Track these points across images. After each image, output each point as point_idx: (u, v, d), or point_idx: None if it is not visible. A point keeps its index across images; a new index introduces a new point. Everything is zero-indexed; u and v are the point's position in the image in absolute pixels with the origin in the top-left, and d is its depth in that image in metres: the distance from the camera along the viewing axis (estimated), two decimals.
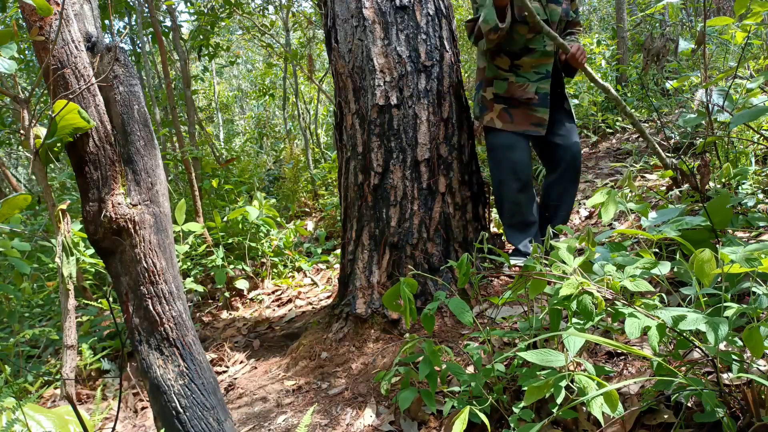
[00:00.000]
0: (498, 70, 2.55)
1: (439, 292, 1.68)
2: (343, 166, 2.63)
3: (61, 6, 1.26)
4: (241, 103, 14.19)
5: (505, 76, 2.53)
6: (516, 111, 2.54)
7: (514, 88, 2.52)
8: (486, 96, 2.59)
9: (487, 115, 2.58)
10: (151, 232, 1.40)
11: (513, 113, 2.54)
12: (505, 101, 2.55)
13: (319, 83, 6.30)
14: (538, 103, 2.50)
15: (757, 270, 1.13)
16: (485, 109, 2.59)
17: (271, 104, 10.47)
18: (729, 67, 4.03)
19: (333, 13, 2.59)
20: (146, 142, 1.45)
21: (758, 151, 2.89)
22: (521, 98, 2.51)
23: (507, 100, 2.55)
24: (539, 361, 1.22)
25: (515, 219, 2.64)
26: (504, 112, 2.55)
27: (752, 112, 1.70)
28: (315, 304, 3.36)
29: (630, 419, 1.35)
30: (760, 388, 1.16)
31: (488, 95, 2.59)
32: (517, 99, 2.52)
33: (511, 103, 2.54)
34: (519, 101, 2.52)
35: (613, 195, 1.55)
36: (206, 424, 1.39)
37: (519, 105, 2.53)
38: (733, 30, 2.23)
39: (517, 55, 2.50)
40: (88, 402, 2.60)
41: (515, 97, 2.53)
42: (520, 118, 2.53)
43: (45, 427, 1.36)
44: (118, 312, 2.91)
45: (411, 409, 1.74)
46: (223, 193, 5.06)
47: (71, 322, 1.23)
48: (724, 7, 5.93)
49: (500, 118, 2.55)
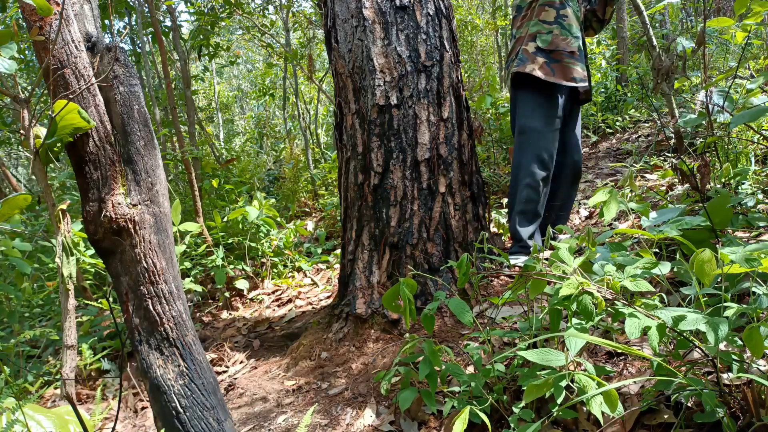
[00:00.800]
0: (543, 24, 2.59)
1: (439, 292, 1.68)
2: (343, 166, 2.63)
3: (61, 6, 1.26)
4: (241, 103, 14.19)
5: (549, 29, 2.58)
6: (557, 65, 2.57)
7: (559, 39, 2.57)
8: (528, 49, 2.61)
9: (528, 66, 2.58)
10: (151, 232, 1.40)
11: (554, 67, 2.57)
12: (546, 55, 2.58)
13: (319, 83, 6.30)
14: (578, 58, 2.58)
15: (757, 270, 1.13)
16: (526, 60, 2.59)
17: (271, 104, 10.47)
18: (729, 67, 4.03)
19: (333, 13, 2.59)
20: (146, 142, 1.45)
21: (758, 151, 2.89)
22: (565, 50, 2.56)
23: (548, 54, 2.57)
24: (539, 361, 1.22)
25: (529, 206, 2.63)
26: (546, 66, 2.57)
27: (752, 112, 1.70)
28: (315, 304, 3.36)
29: (630, 419, 1.35)
30: (760, 388, 1.16)
31: (530, 48, 2.60)
32: (561, 51, 2.56)
33: (552, 57, 2.57)
34: (562, 54, 2.56)
35: (615, 194, 1.55)
36: (206, 424, 1.39)
37: (560, 59, 2.57)
38: (733, 30, 2.23)
39: (562, 5, 2.58)
40: (88, 402, 2.60)
41: (559, 49, 2.56)
42: (561, 71, 2.57)
43: (45, 427, 1.36)
44: (118, 312, 2.91)
45: (411, 409, 1.74)
46: (223, 193, 5.06)
47: (71, 322, 1.23)
48: (724, 7, 5.93)
49: (542, 69, 2.56)
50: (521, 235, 2.63)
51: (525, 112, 2.61)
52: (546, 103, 2.58)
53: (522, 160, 2.60)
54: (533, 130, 2.58)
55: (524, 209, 2.63)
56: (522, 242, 2.63)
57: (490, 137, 4.97)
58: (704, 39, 2.30)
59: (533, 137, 2.58)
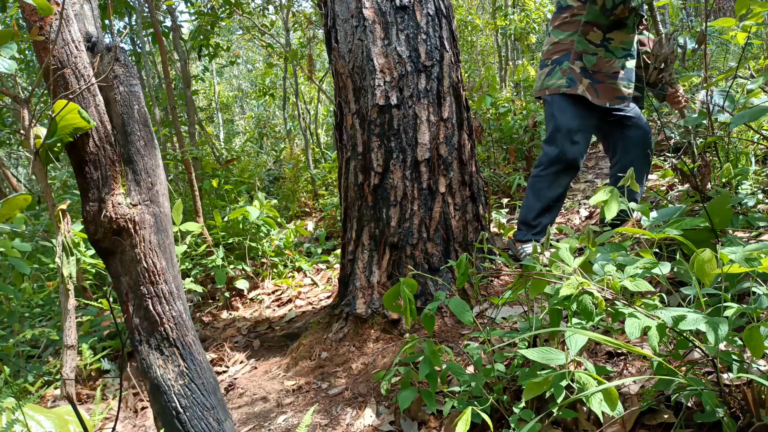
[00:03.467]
0: (588, 45, 2.58)
1: (439, 292, 1.68)
2: (343, 166, 2.63)
3: (61, 6, 1.26)
4: (241, 103, 14.20)
5: (594, 51, 2.58)
6: (600, 86, 2.59)
7: (602, 62, 2.58)
8: (575, 69, 2.62)
9: (579, 87, 2.60)
10: (151, 232, 1.40)
11: (598, 88, 2.59)
12: (590, 76, 2.59)
13: (319, 83, 6.30)
14: (623, 77, 2.59)
15: (757, 270, 1.13)
16: (575, 81, 2.61)
17: (271, 104, 10.47)
18: (729, 67, 4.03)
19: (333, 13, 2.59)
20: (146, 142, 1.45)
21: (758, 151, 2.89)
22: (608, 72, 2.57)
23: (592, 75, 2.59)
24: (540, 359, 1.22)
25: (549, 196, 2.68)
26: (591, 87, 2.59)
27: (752, 112, 1.70)
28: (315, 304, 3.36)
29: (630, 419, 1.35)
30: (760, 388, 1.16)
31: (576, 68, 2.61)
32: (604, 73, 2.58)
33: (596, 78, 2.59)
34: (605, 75, 2.58)
35: (616, 194, 1.55)
36: (206, 424, 1.39)
37: (603, 80, 2.59)
38: (734, 31, 2.23)
39: (609, 29, 2.56)
40: (88, 402, 2.60)
41: (602, 71, 2.58)
42: (604, 92, 2.59)
43: (45, 427, 1.36)
44: (118, 312, 2.91)
45: (411, 409, 1.74)
46: (223, 193, 5.06)
47: (71, 322, 1.23)
48: (724, 7, 5.93)
49: (588, 91, 2.59)
50: (536, 223, 2.70)
51: (564, 118, 2.64)
52: (585, 114, 2.63)
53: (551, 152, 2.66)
54: (566, 128, 2.62)
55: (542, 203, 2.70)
56: (536, 232, 2.70)
57: (490, 137, 4.96)
58: (705, 39, 2.30)
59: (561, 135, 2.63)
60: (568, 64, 2.62)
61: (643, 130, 2.69)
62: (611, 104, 2.60)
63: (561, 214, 3.63)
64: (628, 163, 2.70)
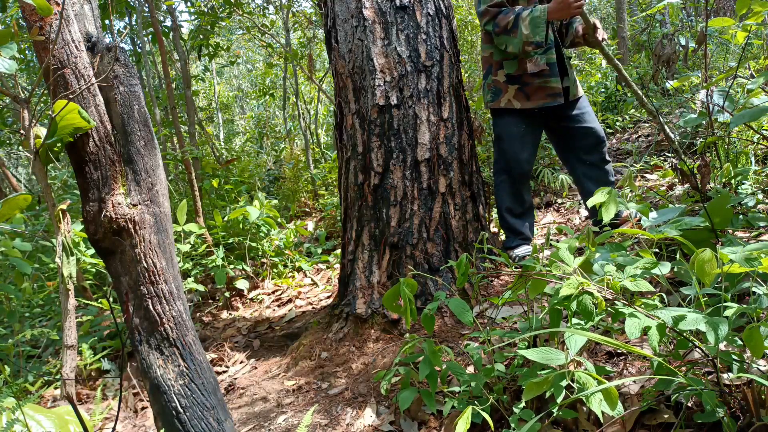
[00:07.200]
0: (505, 52, 2.56)
1: (439, 292, 1.68)
2: (343, 166, 2.63)
3: (61, 6, 1.26)
4: (241, 103, 14.19)
5: (514, 55, 2.56)
6: (530, 88, 2.56)
7: (524, 63, 2.55)
8: (498, 79, 2.61)
9: (503, 98, 2.60)
10: (151, 232, 1.40)
11: (528, 91, 2.57)
12: (517, 81, 2.57)
13: (319, 83, 6.30)
14: (549, 73, 2.55)
15: (757, 270, 1.13)
16: (500, 92, 2.61)
17: (271, 104, 10.47)
18: (729, 67, 4.03)
19: (333, 13, 2.59)
20: (146, 142, 1.45)
21: (758, 151, 2.89)
22: (533, 71, 2.54)
23: (519, 79, 2.57)
24: (540, 359, 1.22)
25: (515, 205, 2.71)
26: (519, 92, 2.57)
27: (752, 112, 1.70)
28: (315, 304, 3.36)
29: (630, 419, 1.35)
30: (760, 388, 1.16)
31: (500, 78, 2.61)
32: (530, 74, 2.55)
33: (524, 81, 2.56)
34: (531, 76, 2.55)
35: (614, 195, 1.55)
36: (206, 424, 1.39)
37: (532, 81, 2.55)
38: (733, 30, 2.23)
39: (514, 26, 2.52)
40: (88, 402, 2.60)
41: (528, 72, 2.55)
42: (536, 93, 2.56)
43: (45, 427, 1.36)
44: (118, 312, 2.91)
45: (411, 409, 1.74)
46: (223, 193, 5.06)
47: (71, 322, 1.24)
48: (724, 7, 5.93)
49: (516, 98, 2.58)
50: (518, 229, 2.72)
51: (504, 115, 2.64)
52: (519, 121, 2.62)
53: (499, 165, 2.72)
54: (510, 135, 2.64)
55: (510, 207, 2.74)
56: (523, 238, 2.69)
57: (490, 137, 4.96)
58: (705, 38, 2.30)
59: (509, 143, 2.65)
60: (491, 77, 2.64)
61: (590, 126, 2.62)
62: (545, 104, 2.55)
63: (561, 214, 3.64)
64: (582, 163, 2.68)
